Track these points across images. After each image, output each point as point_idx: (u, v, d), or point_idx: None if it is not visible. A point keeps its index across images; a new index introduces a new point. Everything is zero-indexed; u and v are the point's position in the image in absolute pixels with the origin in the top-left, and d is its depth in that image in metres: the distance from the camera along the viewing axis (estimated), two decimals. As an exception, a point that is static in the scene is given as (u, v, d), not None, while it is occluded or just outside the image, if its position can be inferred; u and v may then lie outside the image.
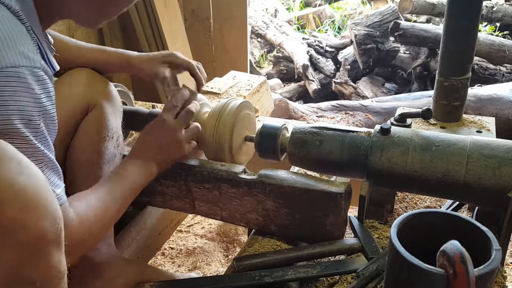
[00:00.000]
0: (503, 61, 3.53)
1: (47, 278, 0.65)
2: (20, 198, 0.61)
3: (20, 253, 0.61)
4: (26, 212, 0.61)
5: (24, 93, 0.71)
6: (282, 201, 1.08)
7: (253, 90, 1.93)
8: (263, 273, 0.99)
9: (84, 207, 0.87)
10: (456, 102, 1.57)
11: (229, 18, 2.81)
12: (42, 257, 0.63)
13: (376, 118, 2.60)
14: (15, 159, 0.63)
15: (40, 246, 0.63)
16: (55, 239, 0.65)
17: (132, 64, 1.23)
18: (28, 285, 0.63)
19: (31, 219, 0.61)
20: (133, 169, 1.03)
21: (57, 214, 0.65)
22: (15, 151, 0.64)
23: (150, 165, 1.05)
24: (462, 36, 1.48)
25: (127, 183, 1.00)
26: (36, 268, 0.63)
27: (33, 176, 0.64)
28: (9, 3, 0.74)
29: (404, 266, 0.58)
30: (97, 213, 0.89)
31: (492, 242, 0.59)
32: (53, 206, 0.65)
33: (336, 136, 1.08)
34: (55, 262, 0.66)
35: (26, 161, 0.64)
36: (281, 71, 4.21)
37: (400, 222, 0.63)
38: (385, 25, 3.80)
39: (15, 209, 0.60)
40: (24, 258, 0.62)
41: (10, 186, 0.60)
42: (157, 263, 1.86)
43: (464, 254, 0.51)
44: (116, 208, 0.96)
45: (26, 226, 0.61)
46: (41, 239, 0.62)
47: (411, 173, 1.00)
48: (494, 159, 0.95)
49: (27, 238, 0.61)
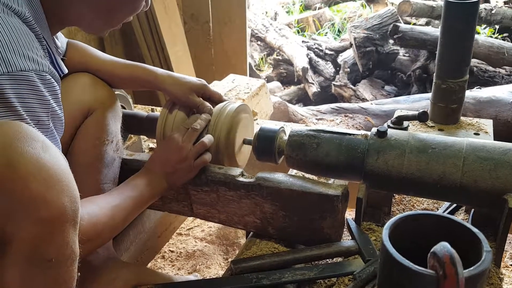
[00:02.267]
0: (502, 64, 3.53)
1: (63, 256, 0.67)
2: (45, 173, 0.63)
3: (40, 228, 0.63)
4: (50, 187, 0.63)
5: (33, 95, 0.74)
6: (280, 204, 1.09)
7: (252, 93, 1.93)
8: (261, 275, 1.00)
9: (95, 209, 0.90)
10: (453, 105, 1.58)
11: (228, 22, 2.82)
12: (59, 234, 0.65)
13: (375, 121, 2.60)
14: (40, 138, 0.66)
15: (59, 222, 0.65)
16: (73, 218, 0.67)
17: (160, 85, 1.23)
18: (45, 262, 0.65)
19: (53, 194, 0.63)
20: (142, 182, 1.07)
21: (76, 194, 0.68)
22: (38, 132, 0.67)
23: (160, 180, 1.09)
24: (459, 38, 1.49)
25: (136, 194, 1.03)
26: (53, 245, 0.65)
27: (56, 155, 0.67)
28: (20, 10, 0.77)
29: (395, 268, 0.58)
30: (106, 218, 0.92)
31: (483, 244, 0.59)
32: (73, 186, 0.68)
33: (333, 139, 1.08)
34: (71, 241, 0.68)
35: (48, 142, 0.67)
36: (281, 74, 4.22)
37: (392, 224, 0.64)
38: (385, 28, 3.81)
39: (39, 183, 0.62)
40: (43, 233, 0.63)
41: (36, 161, 0.62)
42: (157, 266, 1.87)
43: (453, 255, 0.51)
44: (123, 217, 0.99)
45: (48, 201, 0.63)
46: (60, 216, 0.65)
47: (407, 176, 1.00)
48: (490, 161, 0.96)
49: (48, 213, 0.63)
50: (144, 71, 1.23)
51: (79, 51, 1.22)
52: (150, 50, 2.57)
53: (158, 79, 1.22)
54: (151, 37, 2.54)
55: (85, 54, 1.22)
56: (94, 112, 1.14)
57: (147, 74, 1.23)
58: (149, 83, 1.23)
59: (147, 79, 1.23)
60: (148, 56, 2.60)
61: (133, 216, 1.04)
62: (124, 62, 1.25)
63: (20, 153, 0.62)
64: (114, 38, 2.68)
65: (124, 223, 1.01)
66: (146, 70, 1.24)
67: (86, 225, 0.84)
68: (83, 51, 1.22)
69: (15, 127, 0.65)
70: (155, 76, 1.22)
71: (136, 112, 1.39)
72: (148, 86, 1.26)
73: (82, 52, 1.22)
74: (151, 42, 2.55)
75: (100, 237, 0.92)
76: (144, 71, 1.23)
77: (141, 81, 1.24)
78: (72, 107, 1.12)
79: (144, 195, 1.05)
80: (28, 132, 0.65)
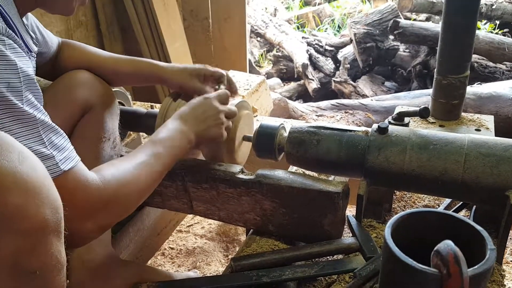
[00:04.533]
0: (502, 59, 3.52)
1: (47, 268, 0.66)
2: (22, 186, 0.61)
3: (21, 241, 0.61)
4: (28, 200, 0.61)
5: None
6: (280, 201, 1.08)
7: (252, 90, 1.93)
8: (261, 273, 0.99)
9: (113, 170, 0.85)
10: (454, 101, 1.57)
11: (228, 18, 2.81)
12: (42, 245, 0.64)
13: (376, 117, 2.60)
14: (16, 149, 0.64)
15: (41, 234, 0.63)
16: (55, 228, 0.65)
17: (163, 75, 1.23)
18: (29, 274, 0.64)
19: (33, 207, 0.62)
20: (172, 133, 1.00)
21: (58, 204, 0.66)
22: (15, 142, 0.65)
23: (188, 132, 1.03)
24: (460, 34, 1.48)
25: (162, 147, 0.96)
26: (36, 257, 0.64)
27: (34, 166, 0.64)
28: None
29: (398, 266, 0.57)
30: (131, 176, 0.86)
31: (487, 242, 0.59)
32: (54, 196, 0.66)
33: (333, 136, 1.08)
34: (55, 251, 0.66)
35: (26, 151, 0.65)
36: (280, 70, 4.20)
37: (395, 222, 0.63)
38: (385, 23, 3.80)
39: (17, 197, 0.60)
40: (25, 247, 0.62)
41: (12, 174, 0.61)
42: (157, 263, 1.86)
43: (457, 254, 0.51)
44: (150, 174, 0.91)
45: (27, 214, 0.61)
46: (42, 228, 0.63)
47: (408, 172, 1.00)
48: (492, 157, 0.95)
49: (29, 226, 0.61)
50: (146, 64, 1.24)
51: (77, 50, 1.21)
52: (150, 47, 2.56)
53: (160, 70, 1.22)
54: (150, 34, 2.53)
55: (84, 52, 1.21)
56: (91, 110, 1.14)
57: (150, 67, 1.23)
58: (153, 76, 1.23)
59: (150, 71, 1.23)
60: (147, 52, 2.59)
61: (160, 174, 0.95)
62: (126, 58, 1.25)
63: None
64: (113, 35, 2.67)
65: (152, 182, 0.93)
66: (149, 63, 1.24)
67: (100, 188, 0.80)
68: (82, 50, 1.21)
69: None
70: (157, 67, 1.23)
71: (136, 109, 1.38)
72: (152, 79, 1.26)
73: (80, 50, 1.21)
74: (150, 39, 2.54)
75: (128, 199, 0.86)
76: (147, 64, 1.24)
77: (145, 75, 1.24)
78: (69, 104, 1.11)
79: (173, 147, 0.98)
80: (2, 144, 0.62)
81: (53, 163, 0.74)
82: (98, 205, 0.78)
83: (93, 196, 0.78)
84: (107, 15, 2.58)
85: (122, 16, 2.62)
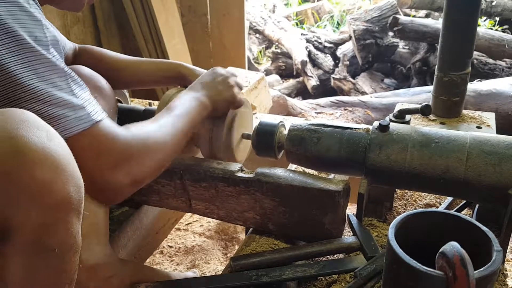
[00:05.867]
0: (502, 56, 3.50)
1: (65, 247, 0.67)
2: (51, 162, 0.63)
3: (44, 216, 0.63)
4: (56, 176, 0.63)
5: (23, 13, 0.74)
6: (280, 200, 1.07)
7: (251, 87, 1.91)
8: (261, 272, 0.98)
9: (139, 127, 0.87)
10: (455, 98, 1.56)
11: (226, 14, 2.79)
12: (63, 223, 0.65)
13: (375, 114, 2.58)
14: (44, 127, 0.65)
15: (64, 211, 0.65)
16: (77, 207, 0.67)
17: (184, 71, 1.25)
18: (48, 251, 0.65)
19: (59, 183, 0.63)
20: (186, 100, 1.02)
21: (81, 183, 0.68)
22: (42, 121, 0.66)
23: (201, 98, 1.06)
24: (461, 30, 1.47)
25: (179, 110, 0.99)
26: (57, 234, 0.65)
27: (61, 144, 0.66)
28: None
29: (402, 268, 0.56)
30: (153, 132, 0.88)
31: (493, 243, 0.57)
32: (78, 175, 0.67)
33: (334, 133, 1.06)
34: (74, 231, 0.67)
35: (52, 130, 0.67)
36: (279, 67, 4.18)
37: (398, 222, 0.62)
38: (384, 20, 3.78)
39: (45, 171, 0.62)
40: (48, 222, 0.63)
41: (41, 150, 0.62)
42: (155, 261, 1.85)
43: (464, 256, 0.49)
44: (173, 131, 0.93)
45: (54, 189, 0.63)
46: (66, 204, 0.64)
47: (410, 170, 0.98)
48: (494, 155, 0.94)
49: (53, 201, 0.63)
50: (169, 63, 1.27)
51: (95, 54, 1.24)
52: (147, 43, 2.54)
53: (182, 67, 1.25)
54: (148, 30, 2.51)
55: (103, 56, 1.24)
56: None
57: (174, 67, 1.25)
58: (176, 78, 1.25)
59: (174, 71, 1.25)
60: (145, 49, 2.57)
61: (184, 134, 0.97)
62: (146, 60, 1.28)
63: (26, 142, 0.61)
64: (111, 31, 2.65)
65: (177, 141, 0.94)
66: (170, 61, 1.27)
67: (128, 139, 0.81)
68: (100, 54, 1.24)
69: (19, 115, 0.64)
70: (180, 65, 1.25)
71: (133, 106, 1.37)
72: (174, 79, 1.27)
73: (99, 55, 1.24)
74: (148, 35, 2.52)
75: (157, 154, 0.88)
76: (169, 63, 1.27)
77: (167, 75, 1.25)
78: None
79: (190, 112, 1.00)
80: (32, 121, 0.64)
81: (85, 113, 0.76)
82: (127, 156, 0.80)
83: (122, 146, 0.80)
84: (104, 11, 2.56)
85: (120, 12, 2.59)
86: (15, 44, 0.71)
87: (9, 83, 0.70)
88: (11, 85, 0.70)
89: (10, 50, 0.70)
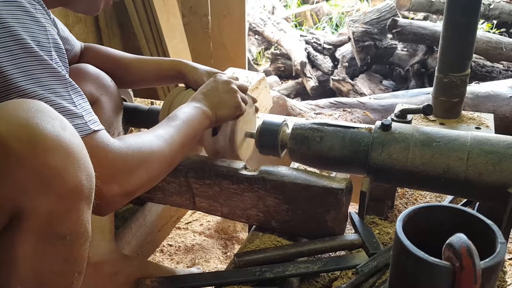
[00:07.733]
0: (500, 59, 3.53)
1: (76, 235, 0.67)
2: (64, 150, 0.64)
3: (56, 203, 0.63)
4: (68, 164, 0.64)
5: (28, 18, 0.74)
6: (283, 197, 1.08)
7: (252, 87, 1.92)
8: (264, 268, 0.99)
9: (135, 138, 0.86)
10: (455, 99, 1.58)
11: (227, 15, 2.80)
12: (75, 211, 0.66)
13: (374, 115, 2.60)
14: (58, 116, 0.67)
15: (75, 199, 0.65)
16: (88, 195, 0.67)
17: (184, 69, 1.24)
18: (59, 239, 0.65)
19: (71, 171, 0.64)
20: (187, 110, 1.01)
21: (92, 173, 0.68)
22: (56, 112, 0.67)
23: (203, 107, 1.04)
24: (461, 32, 1.49)
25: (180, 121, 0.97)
26: (68, 222, 0.66)
27: (74, 134, 0.67)
28: None
29: (410, 260, 0.58)
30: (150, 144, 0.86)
31: (497, 235, 0.59)
32: (90, 165, 0.68)
33: (337, 132, 1.08)
34: (85, 220, 0.68)
35: (65, 120, 0.68)
36: (278, 68, 4.20)
37: (406, 216, 0.63)
38: (383, 22, 3.80)
39: (59, 159, 0.63)
40: (60, 209, 0.64)
41: (56, 138, 0.63)
42: (155, 260, 1.86)
43: (470, 247, 0.51)
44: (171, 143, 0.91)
45: (66, 176, 0.63)
46: (77, 192, 0.65)
47: (411, 169, 1.00)
48: (494, 154, 0.96)
49: (66, 189, 0.64)
50: (170, 61, 1.26)
51: (100, 53, 1.24)
52: (149, 43, 2.55)
53: (182, 65, 1.24)
54: (149, 30, 2.52)
55: (108, 54, 1.24)
56: (95, 104, 1.13)
57: (174, 63, 1.25)
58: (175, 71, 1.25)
59: (175, 69, 1.25)
60: (146, 48, 2.58)
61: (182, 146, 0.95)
62: (150, 58, 1.28)
63: (40, 130, 0.62)
64: (112, 31, 2.66)
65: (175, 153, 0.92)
66: (171, 59, 1.26)
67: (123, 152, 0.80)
68: (105, 52, 1.24)
69: (34, 105, 0.65)
70: (179, 62, 1.25)
71: (137, 105, 1.38)
72: (175, 77, 1.27)
73: (104, 53, 1.24)
74: (149, 35, 2.53)
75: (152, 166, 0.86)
76: (170, 61, 1.26)
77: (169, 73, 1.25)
78: None
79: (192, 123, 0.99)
80: (46, 111, 0.65)
81: (82, 122, 0.77)
82: (122, 168, 0.80)
83: (117, 158, 0.80)
84: (106, 11, 2.57)
85: (121, 12, 2.60)
86: (18, 48, 0.71)
87: (8, 85, 0.70)
88: (10, 87, 0.70)
89: (12, 53, 0.71)
